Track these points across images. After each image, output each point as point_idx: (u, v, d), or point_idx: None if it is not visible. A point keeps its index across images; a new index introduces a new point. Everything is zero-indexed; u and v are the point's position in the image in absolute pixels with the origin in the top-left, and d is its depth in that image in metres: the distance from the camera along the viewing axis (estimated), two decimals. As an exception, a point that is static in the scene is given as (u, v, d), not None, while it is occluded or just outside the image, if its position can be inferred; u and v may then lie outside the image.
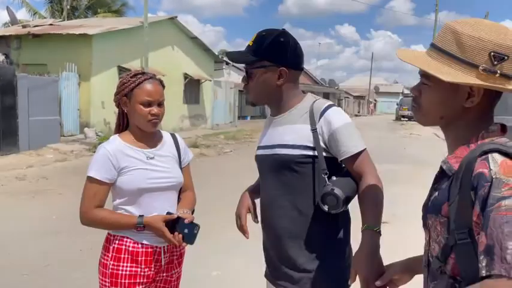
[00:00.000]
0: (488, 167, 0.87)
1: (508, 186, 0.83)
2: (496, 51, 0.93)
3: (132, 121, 1.79)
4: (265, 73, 1.58)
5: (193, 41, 19.98)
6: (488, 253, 0.81)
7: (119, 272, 1.71)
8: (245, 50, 1.61)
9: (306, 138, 1.53)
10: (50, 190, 7.09)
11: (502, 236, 0.80)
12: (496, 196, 0.83)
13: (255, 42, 1.58)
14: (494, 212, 0.82)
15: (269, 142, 1.64)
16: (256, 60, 1.57)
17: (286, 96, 1.62)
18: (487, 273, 0.80)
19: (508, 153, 0.89)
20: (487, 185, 0.85)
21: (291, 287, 1.56)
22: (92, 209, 1.71)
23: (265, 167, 1.65)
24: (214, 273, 3.83)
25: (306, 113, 1.57)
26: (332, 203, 1.43)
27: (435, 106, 1.02)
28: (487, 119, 1.01)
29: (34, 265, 3.90)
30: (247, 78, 1.63)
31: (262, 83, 1.59)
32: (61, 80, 12.80)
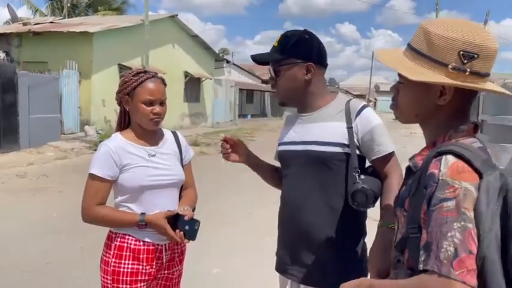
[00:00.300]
0: (439, 168, 0.90)
1: (452, 188, 0.86)
2: (465, 50, 0.94)
3: (134, 119, 1.79)
4: (292, 69, 1.62)
5: (193, 39, 19.97)
6: (426, 249, 0.86)
7: (121, 269, 1.71)
8: (271, 51, 1.66)
9: (342, 135, 1.58)
10: (51, 188, 7.10)
11: (439, 235, 0.84)
12: (439, 197, 0.87)
13: (280, 42, 1.64)
14: (436, 212, 0.86)
15: (300, 138, 1.66)
16: (282, 58, 1.62)
17: (316, 92, 1.67)
18: (423, 268, 0.85)
19: (462, 155, 0.90)
20: (434, 185, 0.88)
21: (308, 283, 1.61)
22: (94, 206, 1.71)
23: (296, 163, 1.66)
24: (215, 270, 3.84)
25: (341, 111, 1.62)
26: (362, 200, 1.50)
27: (410, 104, 1.05)
28: (460, 117, 1.02)
29: (34, 263, 3.90)
30: (275, 76, 1.66)
31: (290, 78, 1.63)
32: (62, 77, 12.79)
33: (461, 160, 0.90)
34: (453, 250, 0.82)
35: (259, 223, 5.14)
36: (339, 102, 1.66)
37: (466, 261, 0.81)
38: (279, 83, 1.66)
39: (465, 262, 0.81)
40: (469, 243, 0.82)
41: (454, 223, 0.83)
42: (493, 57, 0.97)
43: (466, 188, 0.86)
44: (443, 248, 0.83)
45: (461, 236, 0.82)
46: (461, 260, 0.81)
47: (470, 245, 0.82)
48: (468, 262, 0.81)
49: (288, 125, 1.76)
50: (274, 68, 1.65)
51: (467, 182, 0.87)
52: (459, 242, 0.82)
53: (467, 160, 0.90)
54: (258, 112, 30.87)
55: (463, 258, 0.81)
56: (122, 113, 1.83)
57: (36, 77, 11.55)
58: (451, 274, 0.80)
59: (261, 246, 4.37)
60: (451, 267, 0.81)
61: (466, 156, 0.90)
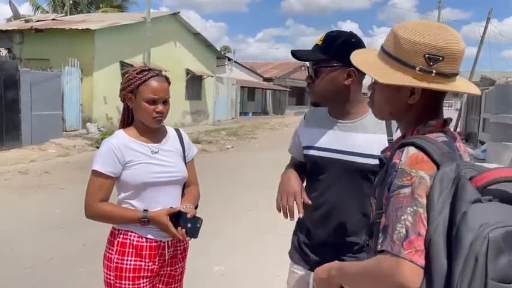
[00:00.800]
0: (400, 158, 0.98)
1: (409, 176, 0.95)
2: (430, 53, 1.01)
3: (137, 117, 1.80)
4: (333, 72, 1.59)
5: (195, 36, 19.96)
6: (383, 231, 0.95)
7: (124, 265, 1.73)
8: (314, 49, 1.63)
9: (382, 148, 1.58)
10: (53, 185, 7.13)
11: (395, 219, 0.93)
12: (397, 184, 0.95)
13: (324, 41, 1.61)
14: (394, 198, 0.95)
15: (339, 147, 1.63)
16: (326, 58, 1.59)
17: (354, 99, 1.64)
18: (380, 248, 0.94)
19: (422, 146, 0.98)
20: (395, 173, 0.97)
21: None
22: (97, 202, 1.73)
23: (333, 169, 1.63)
24: (217, 268, 3.85)
25: (381, 122, 1.58)
26: None
27: (383, 103, 1.14)
28: (431, 114, 1.09)
29: (37, 260, 3.92)
30: (314, 76, 1.63)
31: (330, 81, 1.60)
32: (63, 75, 12.82)
33: (421, 151, 0.97)
34: (404, 232, 0.90)
35: (260, 221, 5.16)
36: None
37: (414, 242, 0.89)
38: (318, 83, 1.62)
39: (414, 243, 0.89)
40: (419, 226, 0.90)
41: (408, 208, 0.92)
42: (459, 58, 1.04)
43: (421, 177, 0.94)
44: (396, 230, 0.91)
45: (412, 220, 0.90)
46: (411, 241, 0.89)
47: (420, 227, 0.90)
48: (416, 243, 0.89)
49: (319, 127, 1.71)
50: (315, 67, 1.62)
51: (423, 171, 0.95)
52: (410, 224, 0.90)
53: (426, 152, 0.97)
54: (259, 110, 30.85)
55: (412, 240, 0.89)
56: (125, 110, 1.84)
57: (38, 74, 11.57)
58: (401, 253, 0.89)
59: (262, 244, 4.40)
60: (401, 247, 0.89)
61: (425, 148, 0.98)
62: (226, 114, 23.33)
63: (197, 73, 19.69)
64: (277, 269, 3.64)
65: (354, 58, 1.16)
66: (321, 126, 1.71)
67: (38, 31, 14.38)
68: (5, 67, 10.32)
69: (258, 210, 5.71)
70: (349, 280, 1.08)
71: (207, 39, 20.92)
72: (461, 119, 18.41)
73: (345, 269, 1.10)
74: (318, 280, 1.18)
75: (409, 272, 0.88)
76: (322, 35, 1.64)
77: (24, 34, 14.68)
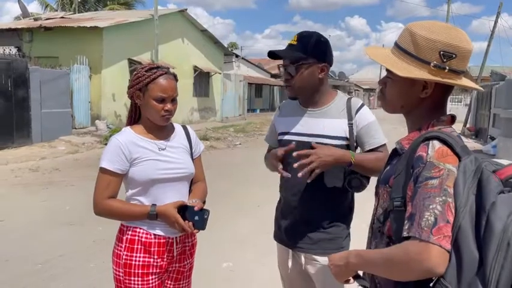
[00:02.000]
0: (427, 151, 1.04)
1: (437, 169, 1.01)
2: (445, 51, 1.09)
3: (145, 114, 1.80)
4: (310, 68, 1.82)
5: (203, 33, 19.96)
6: (410, 219, 1.00)
7: (132, 262, 1.74)
8: (291, 48, 1.83)
9: (343, 130, 1.84)
10: (63, 181, 7.20)
11: (422, 208, 0.98)
12: (425, 175, 1.01)
13: (299, 41, 1.82)
14: (421, 188, 1.00)
15: (308, 131, 1.88)
16: (304, 57, 1.80)
17: (324, 89, 1.90)
18: (406, 235, 0.99)
19: (446, 140, 1.05)
20: (422, 166, 1.03)
21: (311, 246, 1.88)
22: (105, 199, 1.73)
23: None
24: (225, 264, 3.87)
25: (343, 109, 1.87)
26: (357, 184, 1.82)
27: (396, 96, 1.20)
28: (439, 109, 1.17)
29: (48, 255, 3.97)
30: (295, 73, 1.82)
31: (308, 76, 1.83)
32: (72, 72, 12.90)
33: (445, 145, 1.05)
34: (433, 219, 0.96)
35: (268, 216, 5.12)
36: (341, 100, 1.90)
37: (443, 229, 0.95)
38: (297, 79, 1.83)
39: (442, 229, 0.95)
40: (447, 214, 0.96)
41: (436, 198, 0.98)
42: (468, 57, 1.12)
43: (449, 169, 1.01)
44: (424, 217, 0.97)
45: (441, 208, 0.96)
46: (440, 228, 0.95)
47: (448, 215, 0.96)
48: (445, 229, 0.95)
49: (291, 116, 1.96)
50: (295, 65, 1.81)
51: (450, 164, 1.02)
52: (439, 213, 0.96)
53: (449, 145, 1.05)
54: (267, 106, 30.81)
55: (441, 226, 0.95)
56: (133, 107, 1.85)
57: (48, 72, 11.67)
58: (430, 239, 0.94)
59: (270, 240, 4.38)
60: (430, 233, 0.95)
61: (449, 142, 1.05)
62: (233, 111, 23.32)
63: (205, 70, 19.70)
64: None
65: (369, 52, 1.22)
66: (293, 115, 1.95)
67: (47, 29, 14.47)
68: (14, 65, 10.42)
69: (266, 205, 5.70)
70: (371, 266, 1.12)
71: (215, 36, 20.91)
72: (471, 114, 18.21)
73: (365, 256, 1.14)
74: (334, 267, 1.22)
75: (437, 257, 0.93)
76: (295, 35, 1.85)
77: (33, 32, 14.79)
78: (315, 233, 1.88)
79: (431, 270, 0.94)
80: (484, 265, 0.91)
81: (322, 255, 1.85)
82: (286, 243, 1.96)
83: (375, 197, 1.27)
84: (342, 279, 1.24)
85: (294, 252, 1.95)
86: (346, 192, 1.89)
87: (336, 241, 1.88)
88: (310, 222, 1.89)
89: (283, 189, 1.99)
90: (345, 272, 1.20)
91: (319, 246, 1.87)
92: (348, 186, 1.82)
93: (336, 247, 1.86)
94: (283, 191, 2.00)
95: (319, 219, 1.88)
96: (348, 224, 1.94)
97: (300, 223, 1.90)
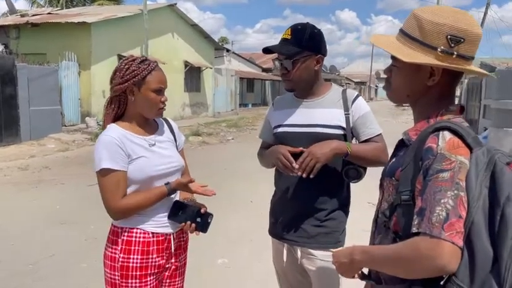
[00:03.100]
0: (437, 142, 0.99)
1: (448, 161, 0.96)
2: (453, 35, 1.03)
3: (136, 109, 1.73)
4: (307, 61, 1.82)
5: (193, 28, 19.81)
6: (420, 214, 0.95)
7: (130, 264, 1.67)
8: (285, 43, 1.82)
9: (339, 120, 1.83)
10: (53, 180, 7.09)
11: (433, 202, 0.93)
12: (436, 168, 0.96)
13: (293, 35, 1.81)
14: (432, 181, 0.96)
15: (305, 121, 1.86)
16: (299, 51, 1.79)
17: (319, 80, 1.90)
18: (416, 230, 0.94)
19: (457, 131, 1.00)
20: (432, 158, 0.97)
21: (307, 240, 1.85)
22: (119, 201, 1.63)
23: (299, 143, 1.81)
24: (220, 260, 3.83)
25: (339, 100, 1.87)
26: (353, 175, 1.81)
27: (402, 85, 1.14)
28: (447, 97, 1.12)
29: (39, 256, 3.90)
30: (291, 67, 1.81)
31: (304, 69, 1.83)
32: (61, 69, 12.72)
33: (456, 136, 0.99)
34: (445, 214, 0.91)
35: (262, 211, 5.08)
36: (336, 91, 1.91)
37: (455, 225, 0.90)
38: (294, 72, 1.82)
39: (455, 225, 0.90)
40: (460, 209, 0.92)
41: (448, 191, 0.93)
42: (478, 41, 1.06)
43: (461, 161, 0.96)
44: (435, 212, 0.92)
45: (453, 203, 0.92)
46: (452, 223, 0.90)
47: (461, 210, 0.92)
48: (457, 225, 0.90)
49: (286, 108, 1.94)
50: (291, 60, 1.80)
51: (462, 156, 0.97)
52: (451, 207, 0.91)
53: (461, 136, 0.99)
54: (259, 101, 30.73)
55: (453, 222, 0.90)
56: (120, 104, 1.74)
57: (36, 69, 11.48)
58: (441, 235, 0.90)
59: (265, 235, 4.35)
60: (442, 229, 0.90)
61: (460, 132, 1.00)
62: (225, 106, 23.23)
63: (196, 65, 19.56)
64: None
65: (373, 40, 1.17)
66: (288, 107, 1.94)
67: (34, 25, 14.23)
68: (1, 63, 10.23)
69: (259, 200, 5.67)
70: (378, 264, 1.07)
71: (205, 31, 20.75)
72: (462, 106, 18.30)
73: (371, 252, 1.10)
74: (339, 264, 1.19)
75: (449, 254, 0.89)
76: (288, 28, 1.84)
77: (20, 29, 14.54)
78: (312, 227, 1.85)
79: (443, 268, 0.89)
80: (498, 262, 0.87)
81: (318, 250, 1.84)
82: (282, 237, 1.93)
83: (379, 190, 1.22)
84: (348, 276, 1.20)
85: (289, 246, 1.92)
86: (343, 184, 1.88)
87: (332, 235, 1.86)
88: (307, 216, 1.86)
89: (279, 183, 1.96)
90: (350, 269, 1.16)
91: (316, 240, 1.85)
92: (345, 176, 1.81)
93: (333, 241, 1.84)
94: (278, 184, 1.97)
95: (316, 212, 1.85)
96: (345, 217, 1.92)
97: (296, 216, 1.87)
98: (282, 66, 1.84)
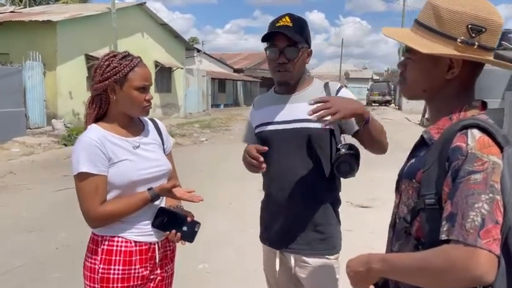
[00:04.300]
0: (466, 141, 0.92)
1: (480, 161, 0.89)
2: (474, 24, 0.96)
3: (119, 109, 1.61)
4: (305, 52, 1.74)
5: (163, 27, 19.52)
6: (450, 220, 0.88)
7: (110, 276, 1.55)
8: (288, 29, 1.67)
9: None
10: (18, 186, 6.74)
11: (465, 206, 0.86)
12: (467, 169, 0.89)
13: (294, 24, 1.69)
14: (463, 184, 0.88)
15: (287, 118, 1.75)
16: (302, 40, 1.71)
17: (303, 75, 1.81)
18: (446, 238, 0.87)
19: (486, 129, 0.93)
20: (462, 158, 0.90)
21: (301, 247, 1.74)
22: (98, 207, 1.52)
23: (284, 140, 1.73)
24: (201, 265, 3.71)
25: (322, 92, 1.76)
26: (346, 170, 1.65)
27: (419, 79, 1.06)
28: (467, 91, 1.04)
29: (6, 266, 3.65)
30: (296, 55, 1.69)
31: (302, 60, 1.75)
32: (24, 69, 12.20)
33: (486, 134, 0.92)
34: (480, 220, 0.84)
35: (241, 214, 5.02)
36: (318, 84, 1.83)
37: (492, 231, 0.83)
38: (295, 63, 1.71)
39: (491, 232, 0.83)
40: (496, 214, 0.85)
41: (482, 195, 0.85)
42: (499, 31, 0.98)
43: (494, 162, 0.89)
44: (469, 218, 0.84)
45: (489, 207, 0.85)
46: (488, 230, 0.83)
47: (497, 215, 0.85)
48: (494, 232, 0.84)
49: (266, 106, 1.84)
50: (296, 47, 1.69)
51: (494, 155, 0.90)
52: (487, 212, 0.84)
53: (490, 134, 0.92)
54: (231, 101, 30.61)
55: (489, 228, 0.83)
56: (101, 103, 1.62)
57: (-3, 69, 10.95)
58: (477, 243, 0.82)
59: (246, 238, 4.26)
60: (478, 236, 0.83)
61: (489, 130, 0.92)
62: (197, 107, 22.98)
63: (166, 65, 19.27)
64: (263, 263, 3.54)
65: (388, 33, 1.09)
66: (268, 104, 1.84)
67: (-4, 24, 13.60)
68: (-40, 62, 9.69)
69: (238, 203, 5.58)
70: (402, 273, 0.98)
71: (175, 30, 20.47)
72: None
73: (392, 261, 1.00)
74: (354, 273, 1.08)
75: (486, 263, 0.82)
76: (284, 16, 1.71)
77: (-20, 28, 13.85)
78: (306, 233, 1.74)
79: (480, 279, 0.82)
80: None
81: (313, 257, 1.74)
82: (274, 244, 1.82)
83: (395, 192, 1.14)
84: (362, 286, 1.10)
85: (282, 254, 1.80)
86: (335, 185, 1.78)
87: (328, 241, 1.75)
88: (301, 221, 1.75)
89: (269, 186, 1.84)
90: (366, 279, 1.06)
91: (311, 247, 1.74)
92: (336, 171, 1.65)
93: (329, 247, 1.75)
94: (268, 188, 1.84)
95: (310, 217, 1.74)
96: (338, 221, 1.81)
97: (290, 222, 1.76)
98: (282, 55, 1.69)
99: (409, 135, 6.90)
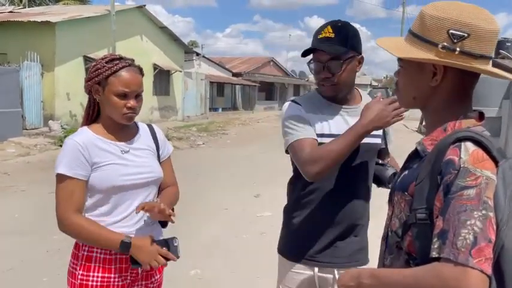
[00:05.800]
0: (459, 155, 0.89)
1: (473, 176, 0.86)
2: (455, 29, 0.93)
3: (105, 112, 1.58)
4: (352, 62, 1.64)
5: (162, 30, 19.51)
6: (441, 237, 0.84)
7: (89, 283, 1.52)
8: (330, 42, 1.60)
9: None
10: (12, 187, 6.70)
11: (457, 224, 0.83)
12: (459, 185, 0.86)
13: (337, 34, 1.61)
14: (455, 200, 0.85)
15: None
16: (347, 50, 1.61)
17: (354, 84, 1.73)
18: (436, 255, 0.84)
19: (481, 142, 0.90)
20: (454, 172, 0.87)
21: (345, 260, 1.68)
22: (71, 212, 1.49)
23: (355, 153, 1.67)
24: (193, 272, 3.66)
25: None
26: (392, 180, 1.63)
27: (407, 87, 1.06)
28: (462, 101, 1.01)
29: (-5, 269, 3.60)
30: (339, 69, 1.61)
31: (351, 71, 1.65)
32: (22, 69, 12.15)
33: (480, 148, 0.89)
34: (472, 238, 0.81)
35: (236, 220, 4.99)
36: (366, 96, 1.81)
37: (484, 250, 0.81)
38: (340, 75, 1.62)
39: (484, 251, 0.81)
40: (489, 232, 0.82)
41: (475, 212, 0.83)
42: (488, 38, 0.94)
43: (488, 177, 0.86)
44: (461, 236, 0.82)
45: (481, 225, 0.82)
46: (480, 249, 0.80)
47: (490, 233, 0.82)
48: (487, 250, 0.81)
49: (323, 114, 1.69)
50: (341, 61, 1.60)
51: (488, 170, 0.86)
52: (479, 230, 0.81)
53: (485, 148, 0.89)
54: (229, 105, 30.57)
55: (482, 247, 0.81)
56: (91, 104, 1.61)
57: (-5, 69, 10.91)
58: (469, 262, 0.80)
59: (239, 244, 4.23)
60: (469, 255, 0.80)
61: (484, 143, 0.89)
62: (195, 110, 22.95)
63: (165, 68, 19.23)
64: (257, 270, 3.50)
65: (380, 42, 1.08)
66: (321, 112, 1.70)
67: (-6, 24, 13.57)
68: (-44, 62, 9.65)
69: (233, 208, 5.54)
70: None
71: (175, 34, 20.46)
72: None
73: (381, 277, 0.98)
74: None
75: (477, 284, 0.79)
76: (326, 27, 1.63)
77: (-21, 27, 13.82)
78: (347, 243, 1.69)
79: None
80: None
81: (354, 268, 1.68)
82: (315, 259, 1.69)
83: (388, 204, 1.11)
84: None
85: (321, 269, 1.68)
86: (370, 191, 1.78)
87: (365, 251, 1.74)
88: (346, 231, 1.69)
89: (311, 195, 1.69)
90: None
91: (353, 258, 1.70)
92: (388, 182, 1.68)
93: (366, 258, 1.74)
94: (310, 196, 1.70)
95: (355, 226, 1.71)
96: None
97: (335, 233, 1.68)
98: (325, 69, 1.62)
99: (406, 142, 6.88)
